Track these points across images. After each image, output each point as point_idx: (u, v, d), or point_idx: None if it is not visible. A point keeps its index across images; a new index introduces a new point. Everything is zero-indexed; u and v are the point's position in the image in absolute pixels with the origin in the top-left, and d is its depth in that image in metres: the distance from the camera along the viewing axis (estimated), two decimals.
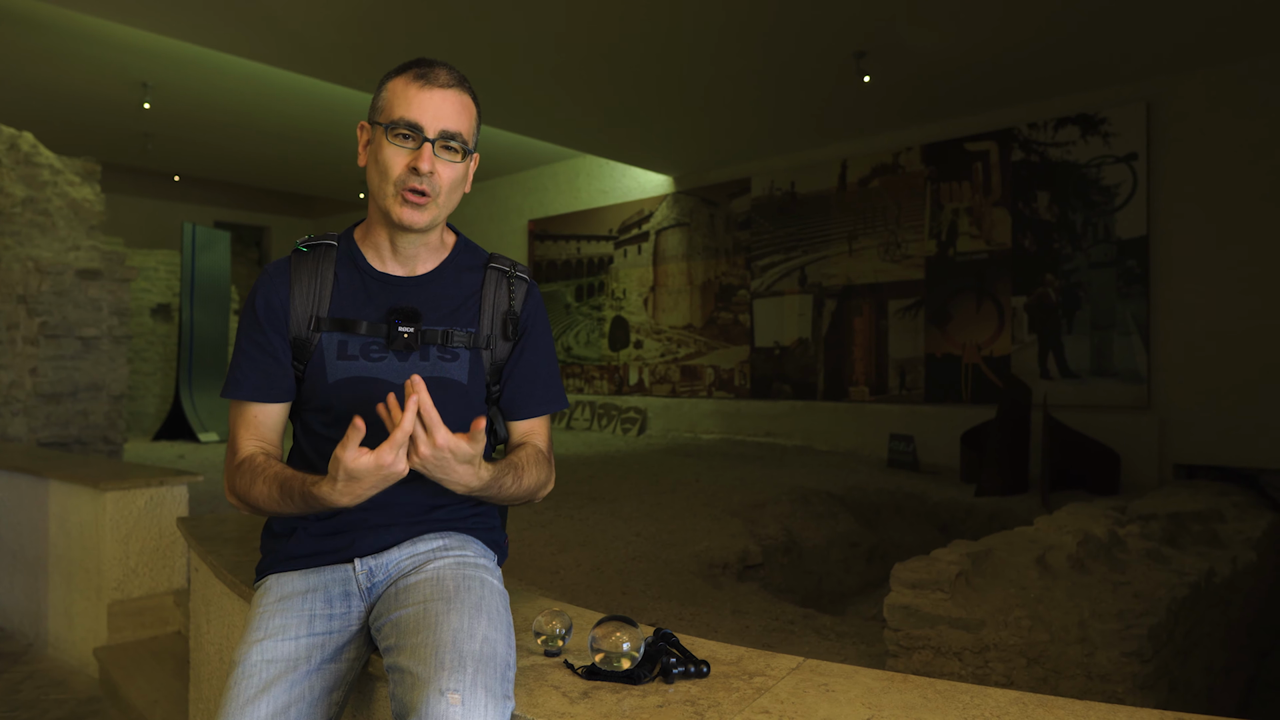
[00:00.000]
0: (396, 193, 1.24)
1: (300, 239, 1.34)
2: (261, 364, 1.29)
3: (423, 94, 1.23)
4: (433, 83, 1.24)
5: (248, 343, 1.30)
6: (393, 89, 1.25)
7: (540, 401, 1.41)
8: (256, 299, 1.31)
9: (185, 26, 5.81)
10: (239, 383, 1.29)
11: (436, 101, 1.23)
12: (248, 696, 1.12)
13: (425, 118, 1.22)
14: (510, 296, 1.37)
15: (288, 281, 1.31)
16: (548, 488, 1.38)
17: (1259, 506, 5.18)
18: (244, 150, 10.44)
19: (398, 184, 1.24)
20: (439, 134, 1.23)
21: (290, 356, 1.30)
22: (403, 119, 1.22)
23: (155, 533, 3.55)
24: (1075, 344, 6.90)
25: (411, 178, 1.23)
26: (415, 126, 1.22)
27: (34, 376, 5.43)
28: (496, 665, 1.05)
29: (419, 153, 1.23)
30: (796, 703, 1.06)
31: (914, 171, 7.90)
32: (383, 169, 1.24)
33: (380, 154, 1.24)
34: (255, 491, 1.21)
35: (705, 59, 6.35)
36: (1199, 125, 6.36)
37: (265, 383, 1.29)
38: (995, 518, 5.51)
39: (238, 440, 1.29)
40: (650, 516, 4.72)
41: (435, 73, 1.24)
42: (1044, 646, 2.58)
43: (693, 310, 9.71)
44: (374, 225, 1.33)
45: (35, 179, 5.94)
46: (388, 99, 1.25)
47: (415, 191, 1.24)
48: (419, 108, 1.22)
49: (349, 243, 1.36)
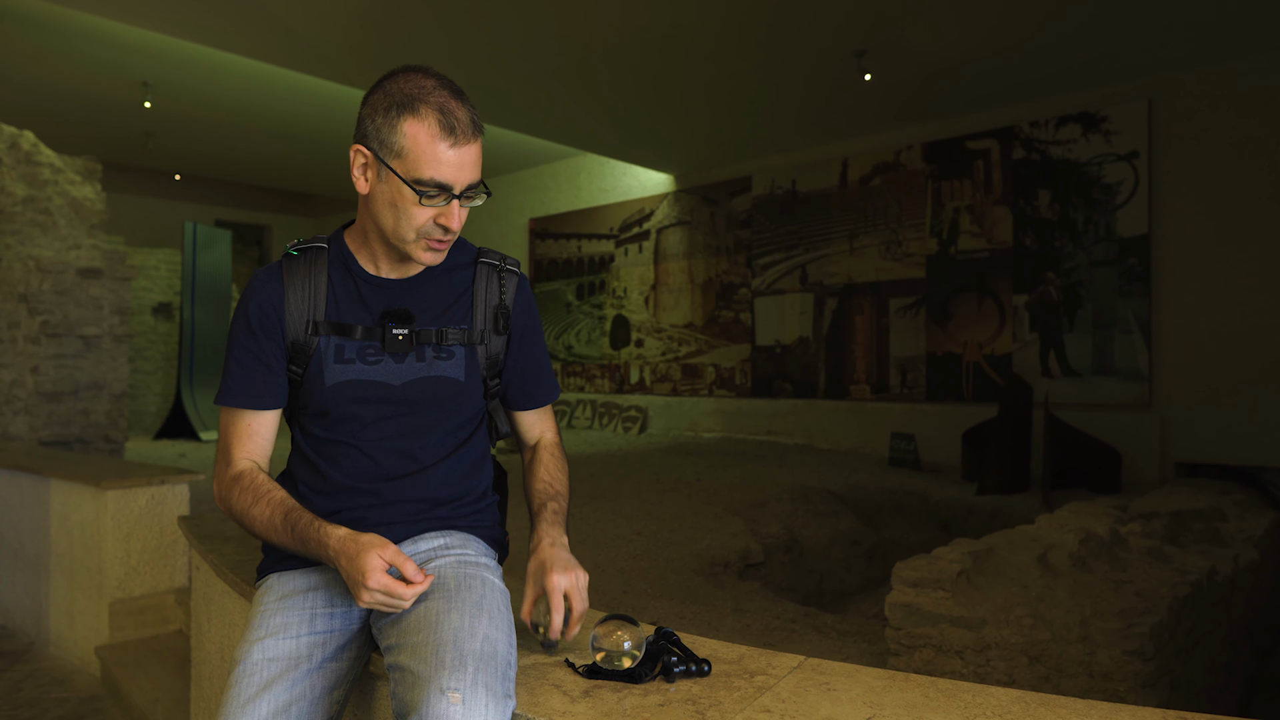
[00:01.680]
0: (419, 239, 1.23)
1: (290, 244, 1.33)
2: (255, 372, 1.29)
3: (451, 153, 1.17)
4: (461, 140, 1.18)
5: (240, 351, 1.29)
6: (415, 138, 1.17)
7: (546, 391, 1.45)
8: (250, 306, 1.29)
9: (186, 25, 5.81)
10: (231, 390, 1.29)
11: (466, 159, 1.19)
12: (249, 695, 1.12)
13: (457, 178, 1.19)
14: (501, 290, 1.37)
15: (281, 286, 1.30)
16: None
17: (1260, 505, 5.17)
18: (245, 149, 10.44)
19: (421, 233, 1.22)
20: (464, 189, 1.21)
21: (284, 363, 1.30)
22: (433, 180, 1.18)
23: (156, 531, 3.55)
24: (1076, 342, 6.89)
25: (436, 231, 1.22)
26: (446, 187, 1.19)
27: (35, 375, 5.43)
28: (497, 664, 1.05)
29: (448, 210, 1.21)
30: (798, 701, 1.06)
31: (915, 170, 7.89)
32: (404, 219, 1.21)
33: (402, 204, 1.20)
34: (254, 512, 1.22)
35: (706, 57, 6.34)
36: (1201, 123, 6.35)
37: (259, 391, 1.29)
38: (996, 516, 5.51)
39: (231, 450, 1.29)
40: (651, 515, 4.72)
41: (460, 124, 1.18)
42: (1045, 645, 2.58)
43: (694, 309, 9.71)
44: (371, 239, 1.31)
45: (36, 178, 5.94)
46: (410, 149, 1.17)
47: (440, 240, 1.24)
48: (450, 170, 1.18)
49: (340, 245, 1.34)
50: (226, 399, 1.29)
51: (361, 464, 1.30)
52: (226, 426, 1.31)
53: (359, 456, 1.30)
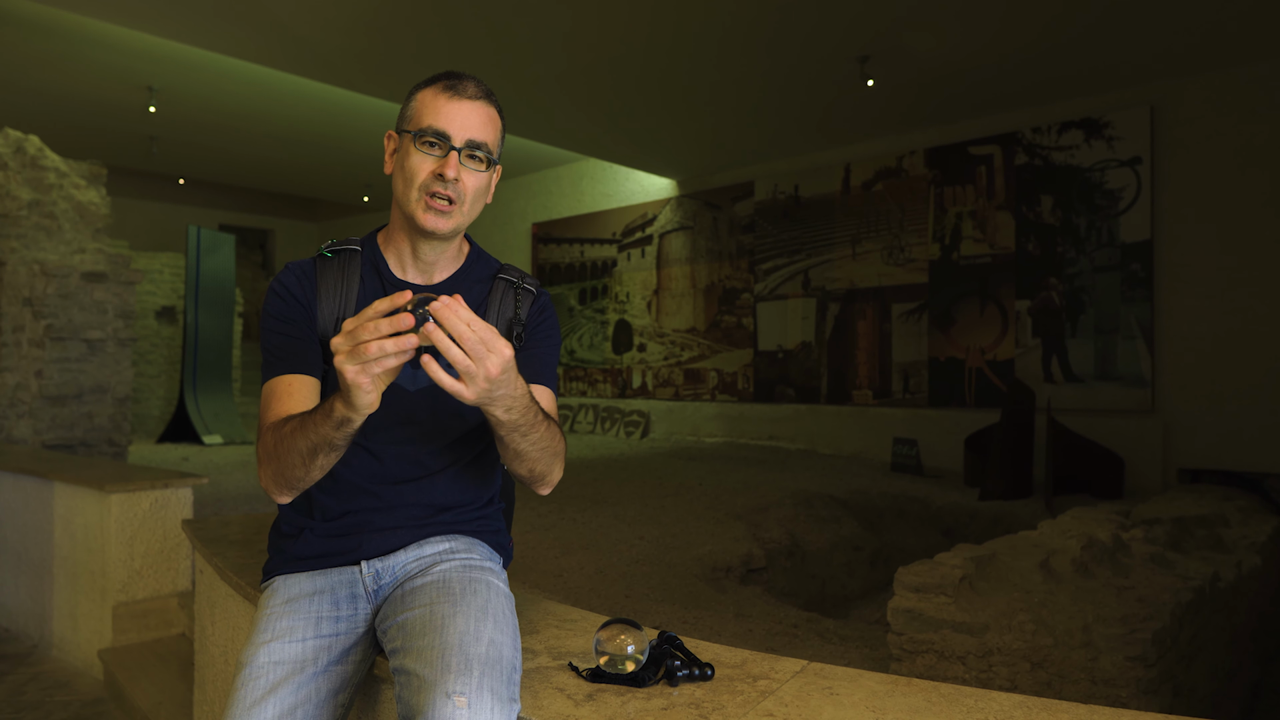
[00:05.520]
0: (420, 197, 1.25)
1: (324, 245, 1.35)
2: (291, 344, 1.28)
3: (451, 104, 1.25)
4: (461, 94, 1.26)
5: (274, 322, 1.29)
6: (421, 99, 1.27)
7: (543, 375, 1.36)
8: (283, 288, 1.31)
9: (191, 30, 5.84)
10: (273, 366, 1.28)
11: (465, 112, 1.25)
12: (254, 698, 1.12)
13: (453, 127, 1.24)
14: (516, 305, 1.38)
15: (314, 283, 1.32)
16: (560, 463, 1.30)
17: (1263, 511, 5.17)
18: (249, 154, 10.47)
19: (422, 189, 1.25)
20: (465, 143, 1.25)
21: (318, 342, 1.30)
22: (430, 127, 1.24)
23: (160, 535, 3.55)
24: (1079, 348, 6.89)
25: (436, 183, 1.25)
26: (443, 135, 1.24)
27: (39, 379, 5.44)
28: (502, 668, 1.05)
29: (445, 160, 1.24)
30: (800, 706, 1.06)
31: (917, 175, 7.90)
32: (409, 175, 1.26)
33: (407, 160, 1.26)
34: (284, 430, 1.15)
35: (709, 63, 6.36)
36: (1203, 129, 6.35)
37: (295, 359, 1.28)
38: (999, 522, 5.50)
39: (267, 414, 1.24)
40: (653, 520, 4.72)
41: (464, 84, 1.27)
42: (1048, 651, 2.58)
43: (696, 313, 9.72)
44: (396, 231, 1.35)
45: (41, 182, 5.96)
46: (416, 108, 1.27)
47: (440, 197, 1.25)
48: (447, 117, 1.25)
49: (373, 249, 1.37)
50: (269, 373, 1.28)
51: (370, 465, 1.31)
52: (265, 399, 1.27)
53: (368, 458, 1.31)
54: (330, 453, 1.13)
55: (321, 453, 1.13)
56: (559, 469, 1.30)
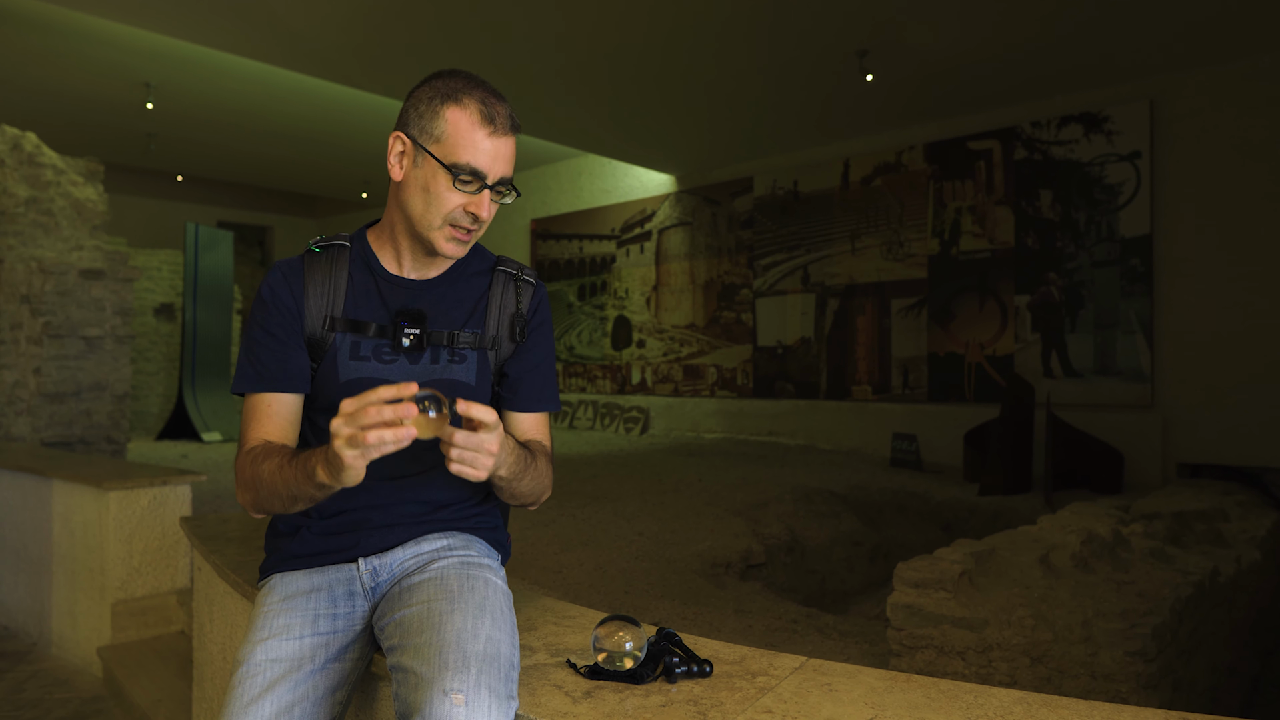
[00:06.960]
0: (443, 226, 1.24)
1: (312, 240, 1.34)
2: (273, 354, 1.27)
3: (488, 142, 1.21)
4: (499, 130, 1.23)
5: (259, 332, 1.28)
6: (456, 124, 1.21)
7: (544, 398, 1.40)
8: (270, 292, 1.29)
9: (188, 27, 5.82)
10: (246, 375, 1.27)
11: (500, 149, 1.23)
12: (252, 696, 1.12)
13: (491, 168, 1.22)
14: (518, 299, 1.37)
15: (302, 280, 1.30)
16: (548, 491, 1.36)
17: (1263, 505, 5.17)
18: (247, 150, 10.46)
19: (448, 219, 1.24)
20: (497, 180, 1.24)
21: (304, 348, 1.29)
22: (469, 165, 1.21)
23: (159, 532, 3.55)
24: (1078, 343, 6.89)
25: (464, 218, 1.24)
26: (479, 174, 1.22)
27: (38, 376, 5.44)
28: (500, 665, 1.05)
29: (478, 199, 1.23)
30: (799, 702, 1.06)
31: (917, 170, 7.89)
32: (435, 202, 1.23)
33: (435, 188, 1.22)
34: (262, 468, 1.16)
35: (707, 58, 6.35)
36: (1203, 124, 6.34)
37: (276, 373, 1.27)
38: (998, 517, 5.50)
39: (247, 432, 1.26)
40: (653, 516, 4.72)
41: (500, 116, 1.23)
42: (1048, 646, 2.58)
43: (695, 309, 9.71)
44: (397, 234, 1.32)
45: (39, 179, 5.95)
46: (450, 133, 1.21)
47: (465, 230, 1.25)
48: (486, 158, 1.21)
49: (362, 244, 1.35)
50: (241, 385, 1.27)
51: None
52: (245, 414, 1.28)
53: None
54: (311, 502, 1.17)
55: (303, 501, 1.16)
56: (547, 493, 1.36)
